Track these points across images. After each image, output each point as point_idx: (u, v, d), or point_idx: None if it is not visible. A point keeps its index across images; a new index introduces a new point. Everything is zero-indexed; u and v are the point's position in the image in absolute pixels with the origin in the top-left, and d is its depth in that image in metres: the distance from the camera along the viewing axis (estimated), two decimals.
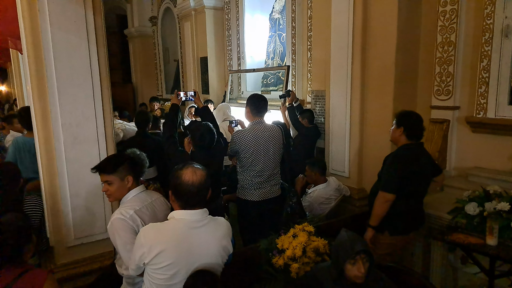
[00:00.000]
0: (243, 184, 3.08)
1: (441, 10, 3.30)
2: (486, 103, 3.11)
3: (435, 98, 3.43)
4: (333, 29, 3.81)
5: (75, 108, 2.48)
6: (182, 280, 1.67)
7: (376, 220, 2.65)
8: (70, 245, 2.62)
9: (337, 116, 3.88)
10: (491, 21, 3.02)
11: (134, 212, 1.94)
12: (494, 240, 2.37)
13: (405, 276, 2.24)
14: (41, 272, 1.73)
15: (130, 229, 1.90)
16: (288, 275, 2.31)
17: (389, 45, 3.37)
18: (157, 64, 10.41)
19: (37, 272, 1.73)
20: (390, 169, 2.62)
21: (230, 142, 3.07)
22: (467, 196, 2.68)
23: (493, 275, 2.48)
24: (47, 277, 1.70)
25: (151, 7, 10.08)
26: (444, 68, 3.33)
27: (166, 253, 1.63)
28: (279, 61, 6.34)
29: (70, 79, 2.45)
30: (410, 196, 2.65)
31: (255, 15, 6.78)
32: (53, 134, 2.46)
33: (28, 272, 1.69)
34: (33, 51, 2.36)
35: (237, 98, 6.98)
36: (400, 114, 2.74)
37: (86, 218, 2.63)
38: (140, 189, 2.11)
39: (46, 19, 2.33)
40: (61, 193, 2.53)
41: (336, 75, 3.83)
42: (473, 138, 3.26)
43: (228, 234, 1.83)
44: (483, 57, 3.09)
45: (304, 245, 2.35)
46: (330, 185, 3.54)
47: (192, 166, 1.73)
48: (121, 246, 1.91)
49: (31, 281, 1.66)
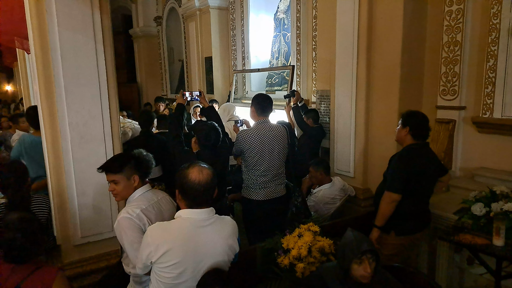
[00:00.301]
0: (248, 184, 3.09)
1: (447, 9, 3.29)
2: (492, 103, 3.09)
3: (441, 98, 3.42)
4: (338, 28, 3.81)
5: (82, 108, 2.50)
6: (188, 278, 1.68)
7: (382, 220, 2.64)
8: (77, 244, 2.64)
9: (342, 116, 3.87)
10: (498, 21, 3.00)
11: (140, 211, 1.95)
12: (501, 241, 2.36)
13: (411, 276, 2.23)
14: (52, 269, 1.75)
15: (136, 228, 1.91)
16: (293, 275, 2.32)
17: (395, 45, 3.36)
18: (161, 64, 10.44)
19: (48, 269, 1.75)
20: (395, 169, 2.61)
21: (235, 141, 3.07)
22: (473, 197, 2.67)
23: (500, 276, 2.47)
24: (56, 274, 1.72)
25: (156, 7, 10.10)
26: (450, 68, 3.32)
27: (173, 251, 1.64)
28: (283, 61, 6.33)
29: (77, 78, 2.46)
30: (416, 196, 2.64)
31: (259, 15, 6.77)
32: (60, 133, 2.48)
33: (39, 270, 1.71)
34: (40, 50, 2.38)
35: (242, 98, 6.98)
36: (406, 114, 2.73)
37: (92, 216, 2.65)
38: (146, 188, 2.12)
39: (53, 19, 2.34)
40: (68, 192, 2.55)
41: (341, 75, 3.83)
42: (479, 138, 3.25)
43: (235, 233, 1.83)
44: (489, 56, 3.07)
45: (309, 245, 2.35)
46: (335, 185, 3.53)
47: (198, 165, 1.74)
48: (128, 245, 1.92)
49: (41, 279, 1.68)
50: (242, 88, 7.08)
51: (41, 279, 1.68)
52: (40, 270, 1.71)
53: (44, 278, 1.68)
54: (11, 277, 1.66)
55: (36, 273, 1.69)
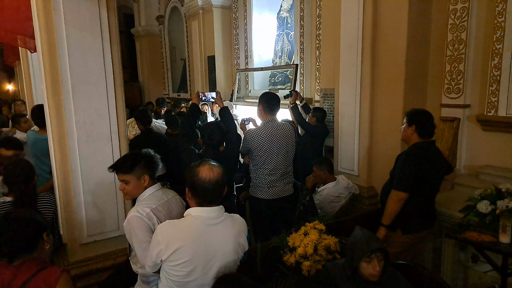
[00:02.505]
0: (256, 183, 3.08)
1: (451, 8, 3.29)
2: (497, 101, 3.09)
3: (446, 96, 3.42)
4: (342, 27, 3.81)
5: (89, 106, 2.50)
6: (198, 276, 1.69)
7: (389, 219, 2.64)
8: (83, 242, 2.64)
9: (347, 114, 3.88)
10: (503, 19, 3.00)
11: (150, 210, 1.95)
12: (507, 238, 2.37)
13: (418, 274, 2.24)
14: (56, 270, 1.72)
15: (146, 227, 1.91)
16: (299, 273, 2.32)
17: (400, 43, 3.36)
18: (164, 63, 10.45)
19: (52, 270, 1.71)
20: (403, 168, 2.61)
21: (243, 140, 3.07)
22: (479, 194, 2.67)
23: (506, 273, 2.48)
24: (60, 276, 1.69)
25: (158, 6, 10.11)
26: (455, 66, 3.31)
27: (183, 249, 1.64)
28: (286, 59, 6.34)
29: (84, 77, 2.46)
30: (422, 194, 2.65)
31: (263, 13, 6.78)
32: (67, 132, 2.47)
33: (44, 270, 1.69)
34: (47, 49, 2.38)
35: (245, 96, 6.99)
36: (411, 112, 2.73)
37: (99, 215, 2.65)
38: (156, 188, 2.12)
39: (61, 17, 2.34)
40: (75, 190, 2.55)
41: (345, 73, 3.83)
42: (484, 136, 3.25)
43: (244, 231, 1.84)
44: (494, 55, 3.07)
45: (315, 243, 2.35)
46: (340, 184, 3.54)
47: (208, 163, 1.74)
48: (137, 244, 1.92)
49: (45, 280, 1.65)
50: (245, 87, 7.09)
51: (45, 280, 1.65)
52: (44, 271, 1.68)
53: (48, 279, 1.65)
54: (15, 279, 1.65)
55: (40, 274, 1.66)
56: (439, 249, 3.12)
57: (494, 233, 2.46)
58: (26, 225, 1.73)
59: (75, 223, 2.60)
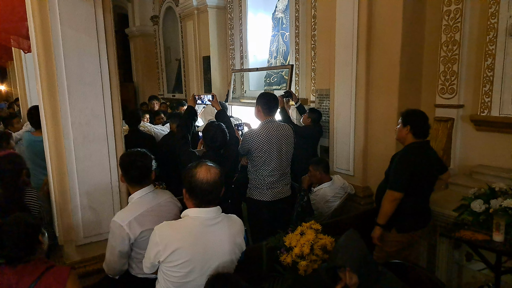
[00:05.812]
0: (255, 184, 3.06)
1: (445, 9, 3.32)
2: (490, 101, 3.13)
3: (440, 96, 3.45)
4: (337, 28, 3.83)
5: (85, 107, 2.49)
6: (196, 277, 1.69)
7: (384, 219, 2.67)
8: (79, 244, 2.63)
9: (342, 114, 3.90)
10: (496, 20, 3.04)
11: (133, 219, 1.99)
12: (500, 237, 2.40)
13: (412, 272, 2.26)
14: (65, 269, 1.78)
15: (122, 237, 1.98)
16: (296, 273, 2.33)
17: (394, 44, 3.39)
18: (158, 64, 10.40)
19: (61, 269, 1.78)
20: (398, 168, 2.64)
21: (242, 140, 3.07)
22: (472, 194, 2.70)
23: (500, 271, 2.50)
24: (69, 273, 1.75)
25: (153, 6, 10.07)
26: (449, 67, 3.35)
27: (182, 250, 1.65)
28: (282, 60, 6.34)
29: (80, 77, 2.45)
30: (417, 194, 2.67)
31: (258, 14, 6.78)
32: (63, 133, 2.46)
33: (52, 269, 1.74)
34: (43, 49, 2.36)
35: (240, 97, 6.98)
36: (406, 112, 2.76)
37: (95, 216, 2.64)
38: (146, 191, 2.12)
39: (56, 17, 2.33)
40: (71, 192, 2.53)
41: (341, 74, 3.85)
42: (477, 136, 3.29)
43: (241, 231, 1.85)
44: (487, 56, 3.11)
45: (312, 243, 2.36)
46: (335, 184, 3.55)
47: (206, 164, 1.75)
48: (109, 246, 2.04)
49: (55, 278, 1.71)
50: (240, 88, 7.08)
51: (55, 278, 1.70)
52: (52, 270, 1.74)
53: (58, 277, 1.71)
54: (21, 280, 1.67)
55: (47, 273, 1.71)
56: (434, 248, 3.15)
57: (488, 231, 2.48)
58: (26, 233, 1.77)
59: (71, 225, 2.58)
